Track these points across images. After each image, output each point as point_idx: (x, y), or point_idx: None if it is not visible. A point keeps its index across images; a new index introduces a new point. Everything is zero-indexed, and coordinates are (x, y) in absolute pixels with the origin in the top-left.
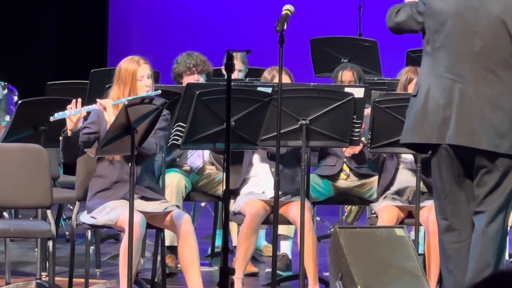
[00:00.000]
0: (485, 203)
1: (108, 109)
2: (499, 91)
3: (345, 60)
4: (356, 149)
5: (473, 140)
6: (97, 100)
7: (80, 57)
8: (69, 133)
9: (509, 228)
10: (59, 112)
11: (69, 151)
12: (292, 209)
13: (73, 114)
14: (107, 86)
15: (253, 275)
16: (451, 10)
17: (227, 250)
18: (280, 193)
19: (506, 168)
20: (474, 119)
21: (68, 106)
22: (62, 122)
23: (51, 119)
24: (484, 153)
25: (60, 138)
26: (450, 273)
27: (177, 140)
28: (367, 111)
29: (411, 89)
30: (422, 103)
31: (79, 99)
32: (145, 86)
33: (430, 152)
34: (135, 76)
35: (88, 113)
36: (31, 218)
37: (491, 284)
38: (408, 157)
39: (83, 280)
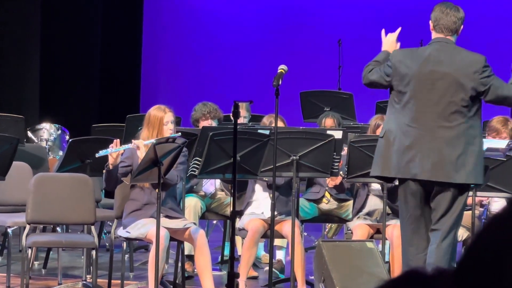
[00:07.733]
0: (439, 223)
1: (141, 147)
2: (453, 135)
3: (327, 109)
4: (337, 181)
5: (435, 175)
6: (132, 140)
7: (118, 103)
8: (111, 167)
9: (458, 241)
10: (103, 150)
11: (110, 181)
12: (285, 226)
13: (113, 152)
14: (139, 128)
15: (254, 278)
16: (414, 73)
17: (234, 258)
18: (275, 213)
19: (456, 195)
20: (434, 158)
21: (110, 145)
22: (104, 157)
23: (96, 155)
24: (441, 184)
25: (104, 171)
26: None
27: (194, 171)
28: (345, 150)
29: (379, 132)
30: (389, 145)
31: (118, 140)
32: (169, 129)
33: (395, 182)
34: (161, 121)
35: (125, 150)
36: (78, 232)
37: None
38: (376, 186)
39: (119, 281)
